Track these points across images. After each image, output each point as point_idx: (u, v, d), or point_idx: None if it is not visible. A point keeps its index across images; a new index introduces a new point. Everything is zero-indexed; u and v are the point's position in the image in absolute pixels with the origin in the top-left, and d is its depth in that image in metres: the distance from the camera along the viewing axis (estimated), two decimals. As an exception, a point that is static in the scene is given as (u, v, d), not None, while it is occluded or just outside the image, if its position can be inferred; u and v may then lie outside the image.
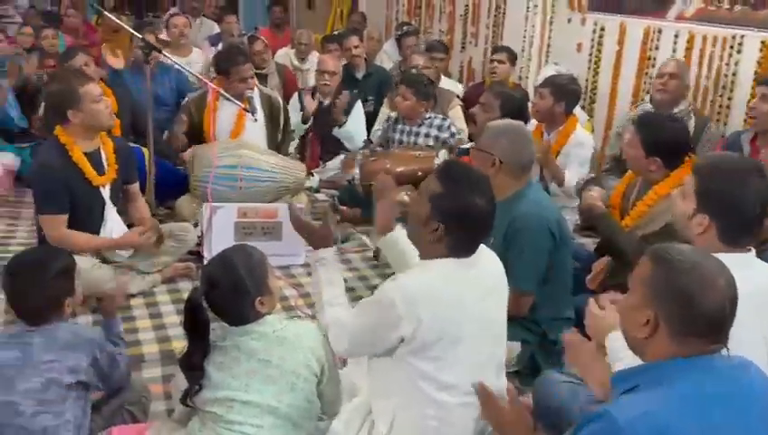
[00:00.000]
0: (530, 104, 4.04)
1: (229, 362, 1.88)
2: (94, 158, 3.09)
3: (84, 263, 2.77)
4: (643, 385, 1.36)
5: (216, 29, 7.02)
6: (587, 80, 5.04)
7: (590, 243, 3.67)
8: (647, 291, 1.39)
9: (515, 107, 3.63)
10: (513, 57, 5.10)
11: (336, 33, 6.37)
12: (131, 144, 3.72)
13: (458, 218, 1.81)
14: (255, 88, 4.01)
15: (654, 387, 1.33)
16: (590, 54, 5.04)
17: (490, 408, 1.81)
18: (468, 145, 4.08)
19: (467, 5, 6.23)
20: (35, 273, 1.96)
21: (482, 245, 1.93)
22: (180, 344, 2.87)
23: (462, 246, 1.85)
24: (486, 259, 1.94)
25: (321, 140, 5.00)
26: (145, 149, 3.90)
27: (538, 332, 2.59)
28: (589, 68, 5.06)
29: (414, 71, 4.75)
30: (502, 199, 2.21)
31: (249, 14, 8.85)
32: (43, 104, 4.87)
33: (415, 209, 1.91)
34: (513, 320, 2.08)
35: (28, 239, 3.85)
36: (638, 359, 1.46)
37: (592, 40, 5.02)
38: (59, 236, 2.99)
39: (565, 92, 3.82)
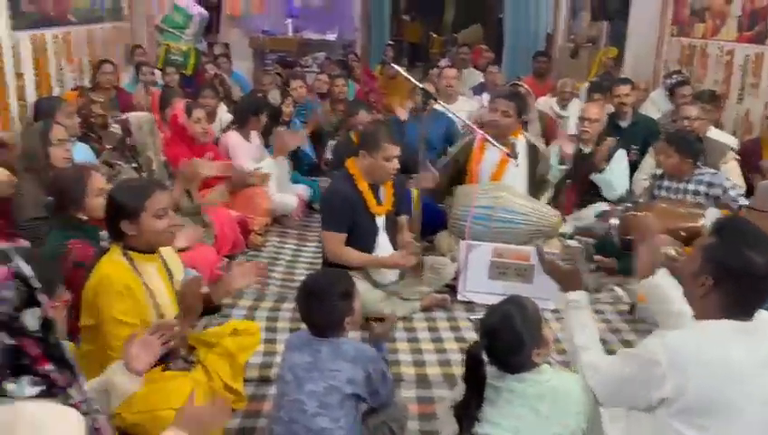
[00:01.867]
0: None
1: (502, 402, 1.91)
2: (375, 190, 3.41)
3: (360, 286, 3.00)
4: None
5: (481, 78, 7.27)
6: None
7: None
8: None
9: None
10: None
11: (604, 81, 6.19)
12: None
13: (732, 274, 1.66)
14: (520, 135, 4.06)
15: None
16: None
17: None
18: (743, 202, 3.69)
19: (748, 55, 5.66)
20: (324, 294, 2.17)
21: (764, 312, 1.73)
22: (434, 371, 2.99)
23: (736, 307, 1.68)
24: (768, 329, 1.74)
25: (577, 187, 4.88)
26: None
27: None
28: None
29: (686, 122, 4.44)
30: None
31: (511, 64, 9.00)
32: (330, 145, 5.49)
33: (686, 263, 1.79)
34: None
35: (313, 258, 4.31)
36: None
37: None
38: (337, 251, 3.34)
39: None
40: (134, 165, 3.61)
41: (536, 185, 4.11)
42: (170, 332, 1.97)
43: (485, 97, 5.98)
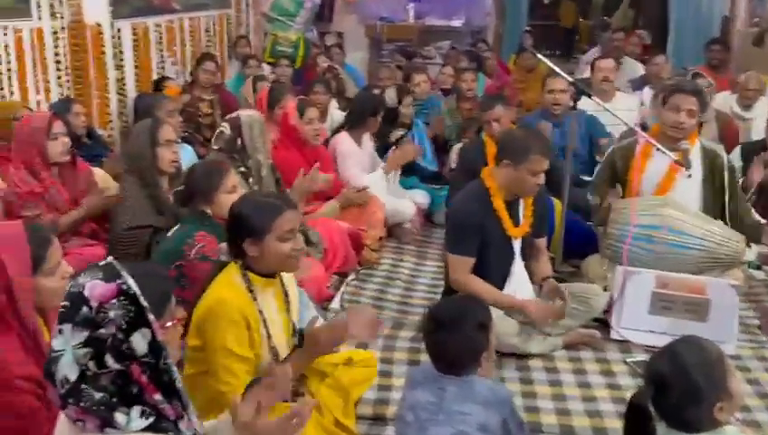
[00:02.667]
0: None
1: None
2: (512, 207, 3.34)
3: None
4: None
5: (641, 71, 7.01)
6: None
7: None
8: None
9: None
10: None
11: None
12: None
13: None
14: (696, 139, 3.84)
15: None
16: None
17: None
18: None
19: None
20: (457, 325, 2.15)
21: None
22: (582, 422, 2.89)
23: None
24: None
25: (763, 205, 4.57)
26: (557, 201, 4.08)
27: None
28: None
29: None
30: None
31: (677, 53, 8.62)
32: (454, 150, 5.48)
33: None
34: None
35: (434, 279, 4.30)
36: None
37: None
38: (463, 279, 3.29)
39: None
40: (242, 169, 3.75)
41: (718, 201, 3.84)
42: (285, 384, 1.99)
43: (647, 92, 5.75)
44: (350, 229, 4.41)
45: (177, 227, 3.08)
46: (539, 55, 4.60)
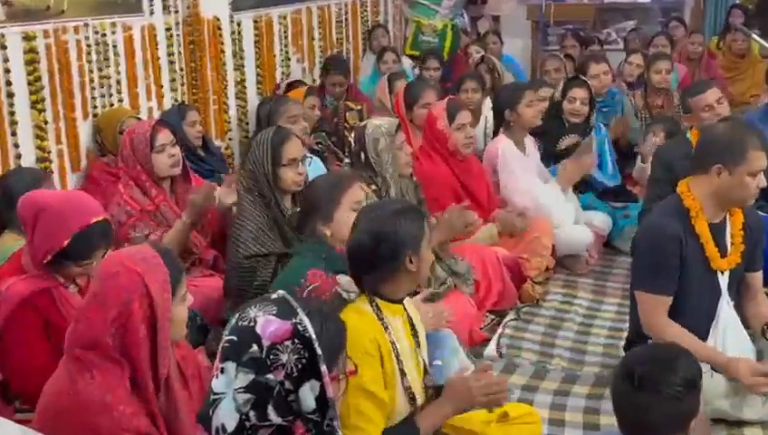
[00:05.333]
0: None
1: None
2: (718, 231, 3.19)
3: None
4: None
5: None
6: None
7: None
8: None
9: None
10: None
11: None
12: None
13: None
14: None
15: None
16: None
17: None
18: None
19: None
20: (663, 382, 2.08)
21: None
22: None
23: None
24: None
25: None
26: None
27: None
28: None
29: None
30: None
31: None
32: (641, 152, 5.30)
33: None
34: None
35: (616, 322, 4.19)
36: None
37: None
38: (656, 323, 3.17)
39: None
40: (373, 187, 3.80)
41: None
42: None
43: None
44: (507, 258, 4.36)
45: (292, 260, 3.13)
46: (754, 36, 4.37)
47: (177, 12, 5.02)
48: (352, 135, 4.06)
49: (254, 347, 1.54)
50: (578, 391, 3.48)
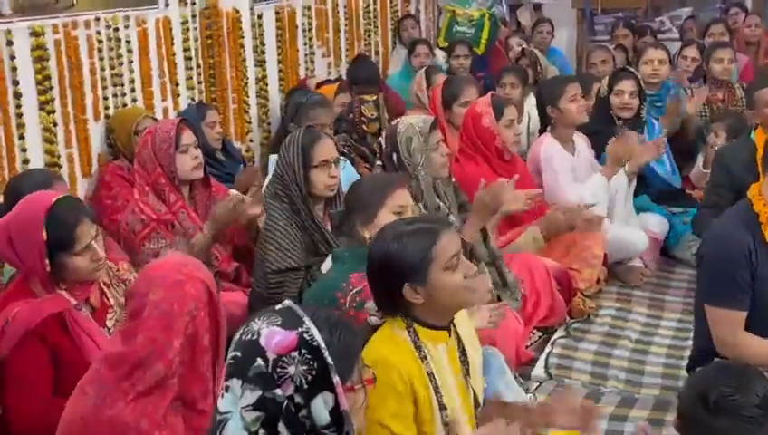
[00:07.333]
0: None
1: None
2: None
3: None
4: None
5: None
6: None
7: None
8: None
9: None
10: None
11: None
12: None
13: None
14: None
15: None
16: None
17: None
18: None
19: None
20: (742, 405, 2.09)
21: None
22: None
23: None
24: None
25: None
26: None
27: None
28: None
29: None
30: None
31: None
32: (704, 153, 5.26)
33: None
34: None
35: (676, 338, 4.17)
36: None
37: None
38: (731, 338, 3.14)
39: None
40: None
41: None
42: None
43: None
44: (556, 269, 4.34)
45: (329, 266, 3.15)
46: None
47: (194, 4, 5.07)
48: (382, 134, 4.06)
49: (259, 361, 1.54)
50: (636, 416, 3.44)
